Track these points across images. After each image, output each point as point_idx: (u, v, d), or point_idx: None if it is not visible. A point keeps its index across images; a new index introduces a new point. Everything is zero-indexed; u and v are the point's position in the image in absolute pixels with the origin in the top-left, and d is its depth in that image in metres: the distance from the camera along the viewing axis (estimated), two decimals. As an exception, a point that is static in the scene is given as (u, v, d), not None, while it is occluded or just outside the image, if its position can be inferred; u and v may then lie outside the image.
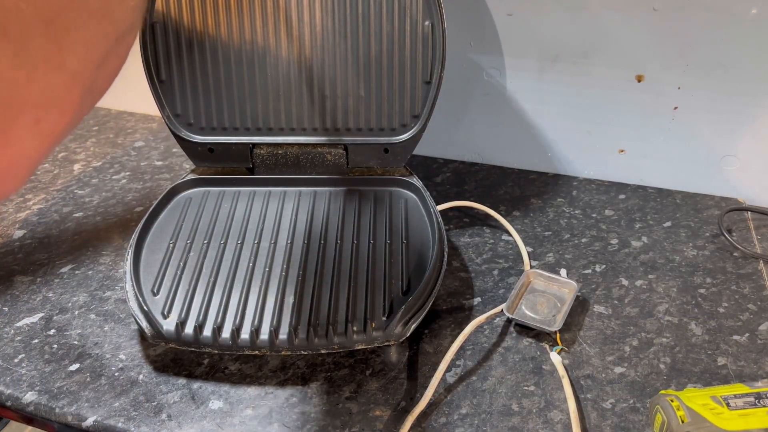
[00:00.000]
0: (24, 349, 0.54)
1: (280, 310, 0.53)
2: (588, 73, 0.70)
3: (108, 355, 0.54)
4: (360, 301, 0.53)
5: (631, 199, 0.73)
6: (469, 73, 0.75)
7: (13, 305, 0.59)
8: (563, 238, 0.67)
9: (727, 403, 0.43)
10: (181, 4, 0.60)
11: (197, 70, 0.63)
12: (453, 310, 0.58)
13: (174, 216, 0.63)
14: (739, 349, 0.53)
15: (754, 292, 0.59)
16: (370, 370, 0.52)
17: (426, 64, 0.62)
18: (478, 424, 0.48)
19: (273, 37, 0.62)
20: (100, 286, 0.61)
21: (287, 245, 0.59)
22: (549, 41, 0.70)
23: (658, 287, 0.60)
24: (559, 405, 0.49)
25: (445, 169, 0.80)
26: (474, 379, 0.51)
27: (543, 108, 0.75)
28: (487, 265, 0.63)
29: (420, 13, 0.60)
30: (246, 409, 0.49)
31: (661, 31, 0.66)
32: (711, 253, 0.64)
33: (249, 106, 0.65)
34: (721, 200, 0.73)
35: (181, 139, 0.66)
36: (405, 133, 0.65)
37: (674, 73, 0.68)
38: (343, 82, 0.63)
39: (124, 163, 0.82)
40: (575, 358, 0.53)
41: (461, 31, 0.72)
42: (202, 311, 0.52)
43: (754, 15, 0.62)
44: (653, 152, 0.73)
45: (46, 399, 0.50)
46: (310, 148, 0.66)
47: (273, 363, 0.53)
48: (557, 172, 0.79)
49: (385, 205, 0.64)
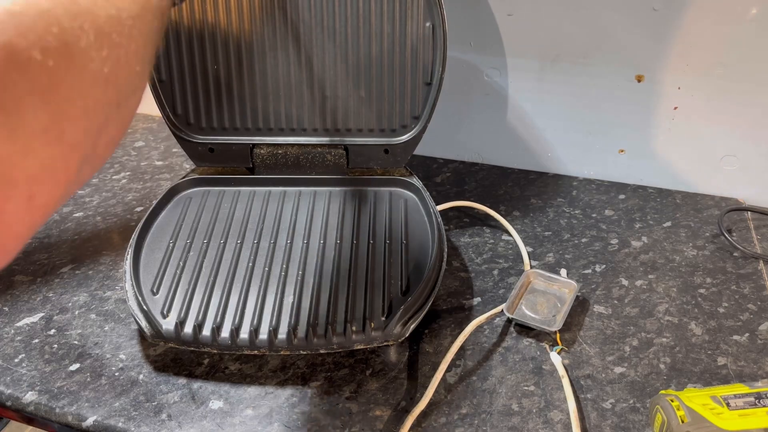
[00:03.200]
0: (24, 349, 0.54)
1: (279, 309, 0.53)
2: (588, 73, 0.70)
3: (108, 355, 0.54)
4: (359, 300, 0.53)
5: (631, 199, 0.73)
6: (469, 74, 0.75)
7: (14, 305, 0.59)
8: (563, 238, 0.67)
9: (727, 403, 0.43)
10: (181, 4, 0.60)
11: (197, 70, 0.63)
12: (453, 310, 0.58)
13: (174, 216, 0.63)
14: (739, 349, 0.53)
15: (754, 292, 0.59)
16: (370, 370, 0.52)
17: (427, 65, 0.62)
18: (478, 424, 0.47)
19: (273, 38, 0.62)
20: (100, 285, 0.61)
21: (287, 245, 0.59)
22: (549, 41, 0.70)
23: (658, 287, 0.60)
24: (559, 405, 0.49)
25: (445, 169, 0.80)
26: (474, 379, 0.51)
27: (543, 108, 0.75)
28: (487, 265, 0.63)
29: (421, 14, 0.60)
30: (246, 409, 0.49)
31: (661, 31, 0.66)
32: (711, 253, 0.64)
33: (249, 107, 0.65)
34: (721, 200, 0.73)
35: (181, 139, 0.66)
36: (405, 134, 0.65)
37: (674, 73, 0.68)
38: (343, 82, 0.63)
39: (124, 163, 0.82)
40: (575, 358, 0.53)
41: (462, 31, 0.72)
42: (201, 311, 0.52)
43: (754, 15, 0.62)
44: (653, 152, 0.73)
45: (46, 399, 0.50)
46: (311, 148, 0.66)
47: (273, 363, 0.53)
48: (557, 172, 0.79)
49: (384, 206, 0.64)
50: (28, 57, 0.23)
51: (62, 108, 0.24)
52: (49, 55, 0.24)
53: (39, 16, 0.24)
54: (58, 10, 0.25)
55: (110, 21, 0.28)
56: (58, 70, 0.24)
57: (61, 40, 0.24)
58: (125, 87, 0.29)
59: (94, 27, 0.26)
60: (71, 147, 0.25)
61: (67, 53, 0.25)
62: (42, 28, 0.24)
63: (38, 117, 0.23)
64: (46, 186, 0.24)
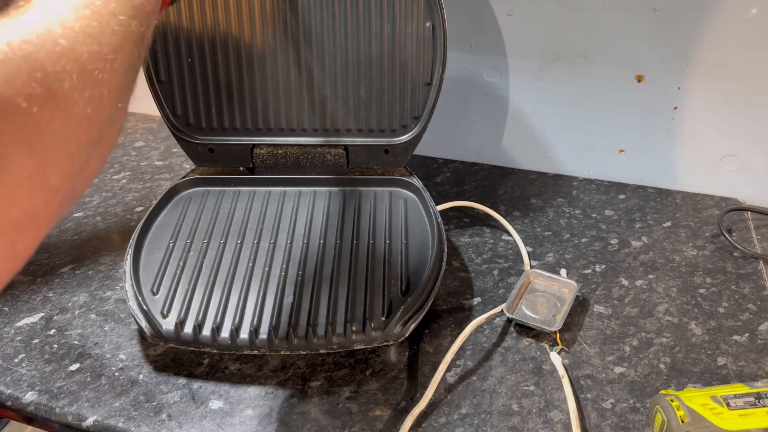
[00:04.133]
0: (24, 349, 0.54)
1: (279, 309, 0.53)
2: (588, 73, 0.70)
3: (108, 355, 0.54)
4: (359, 300, 0.53)
5: (631, 199, 0.73)
6: (469, 74, 0.75)
7: (14, 305, 0.59)
8: (563, 238, 0.67)
9: (727, 403, 0.43)
10: (180, 4, 0.60)
11: (197, 70, 0.63)
12: (453, 310, 0.58)
13: (174, 216, 0.63)
14: (739, 349, 0.53)
15: (754, 292, 0.59)
16: (370, 370, 0.52)
17: (427, 65, 0.62)
18: (478, 424, 0.47)
19: (274, 38, 0.62)
20: (100, 285, 0.61)
21: (287, 245, 0.59)
22: (549, 41, 0.70)
23: (658, 287, 0.60)
24: (559, 405, 0.49)
25: (445, 169, 0.80)
26: (474, 379, 0.51)
27: (543, 108, 0.75)
28: (487, 265, 0.63)
29: (421, 14, 0.60)
30: (246, 409, 0.49)
31: (661, 31, 0.66)
32: (711, 253, 0.64)
33: (249, 107, 0.65)
34: (721, 200, 0.73)
35: (181, 139, 0.66)
36: (405, 134, 0.65)
37: (674, 73, 0.68)
38: (343, 83, 0.63)
39: (124, 163, 0.82)
40: (575, 358, 0.53)
41: (462, 31, 0.72)
42: (201, 311, 0.52)
43: (754, 15, 0.62)
44: (653, 152, 0.73)
45: (46, 399, 0.50)
46: (310, 148, 0.66)
47: (273, 363, 0.53)
48: (557, 172, 0.79)
49: (384, 205, 0.64)
50: (15, 105, 0.22)
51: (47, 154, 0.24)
52: (34, 101, 0.23)
53: (23, 61, 0.23)
54: (41, 54, 0.24)
55: (92, 58, 0.27)
56: (43, 115, 0.24)
57: (45, 85, 0.24)
58: (107, 123, 0.29)
59: (77, 66, 0.26)
60: (54, 191, 0.25)
61: (51, 98, 0.24)
62: (26, 74, 0.23)
63: (24, 165, 0.23)
64: (28, 232, 0.24)
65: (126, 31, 0.30)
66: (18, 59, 0.23)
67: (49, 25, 0.26)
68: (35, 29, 0.25)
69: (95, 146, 0.28)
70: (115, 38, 0.29)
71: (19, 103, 0.23)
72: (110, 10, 0.29)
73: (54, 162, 0.24)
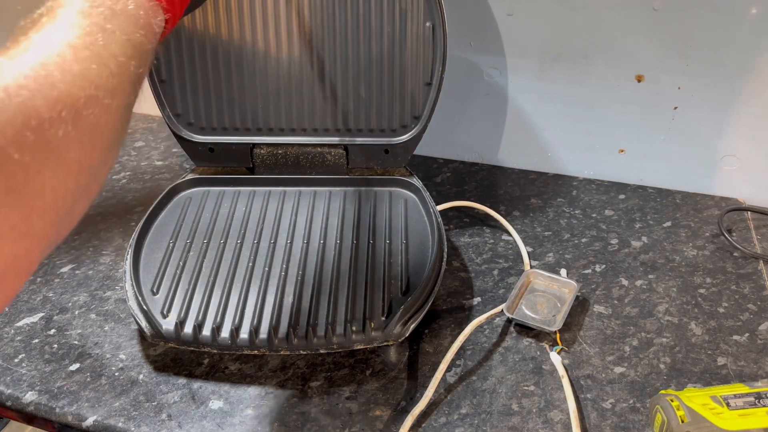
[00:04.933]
0: (24, 349, 0.54)
1: (279, 309, 0.53)
2: (588, 73, 0.70)
3: (108, 354, 0.54)
4: (359, 300, 0.53)
5: (631, 199, 0.73)
6: (469, 73, 0.75)
7: (14, 305, 0.59)
8: (563, 238, 0.67)
9: (727, 403, 0.43)
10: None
11: (197, 70, 0.63)
12: (453, 310, 0.58)
13: (174, 216, 0.63)
14: (739, 349, 0.53)
15: (754, 292, 0.59)
16: (370, 370, 0.52)
17: (427, 65, 0.62)
18: (478, 424, 0.47)
19: (274, 38, 0.62)
20: (100, 285, 0.61)
21: (287, 245, 0.59)
22: (549, 41, 0.70)
23: (658, 287, 0.60)
24: (559, 405, 0.49)
25: (445, 169, 0.80)
26: (474, 379, 0.51)
27: (543, 108, 0.75)
28: (487, 265, 0.63)
29: (421, 14, 0.60)
30: (246, 409, 0.49)
31: (661, 31, 0.66)
32: (711, 253, 0.64)
33: (249, 106, 0.65)
34: (721, 200, 0.73)
35: (181, 139, 0.66)
36: (405, 134, 0.65)
37: (674, 73, 0.68)
38: (343, 82, 0.63)
39: (124, 163, 0.82)
40: (575, 358, 0.53)
41: (462, 31, 0.72)
42: (201, 311, 0.52)
43: (754, 15, 0.62)
44: (653, 152, 0.73)
45: (46, 399, 0.50)
46: (310, 148, 0.66)
47: (273, 363, 0.53)
48: (557, 172, 0.79)
49: (384, 205, 0.64)
50: (7, 156, 0.22)
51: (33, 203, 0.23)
52: (27, 151, 0.22)
53: (18, 109, 0.23)
54: (38, 100, 0.24)
55: (89, 102, 0.26)
56: (34, 165, 0.23)
57: (39, 133, 0.23)
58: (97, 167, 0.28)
59: (73, 112, 0.25)
60: (37, 240, 0.24)
61: (45, 146, 0.23)
62: (21, 122, 0.23)
63: (8, 216, 0.22)
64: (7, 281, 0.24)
65: (124, 73, 0.29)
66: (14, 106, 0.23)
67: (47, 68, 0.25)
68: (33, 72, 0.24)
69: (83, 190, 0.27)
70: (113, 81, 0.28)
71: (11, 154, 0.22)
72: (110, 52, 0.28)
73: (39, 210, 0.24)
